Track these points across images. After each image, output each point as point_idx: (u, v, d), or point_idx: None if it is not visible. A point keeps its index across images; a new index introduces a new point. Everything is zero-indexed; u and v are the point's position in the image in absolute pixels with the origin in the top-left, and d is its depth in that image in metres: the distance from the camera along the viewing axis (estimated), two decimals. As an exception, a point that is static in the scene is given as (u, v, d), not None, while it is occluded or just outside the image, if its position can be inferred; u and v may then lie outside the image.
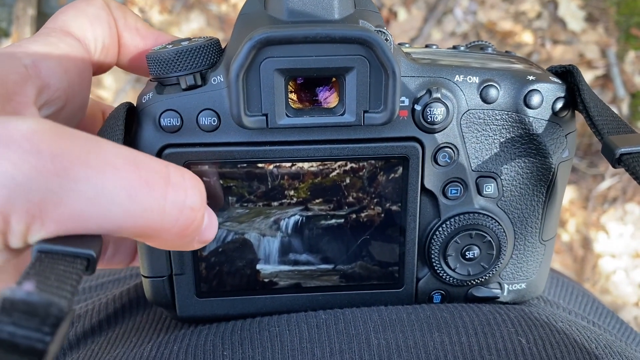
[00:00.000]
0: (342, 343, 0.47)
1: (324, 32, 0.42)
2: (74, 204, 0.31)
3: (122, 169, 0.33)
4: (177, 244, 0.37)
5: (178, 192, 0.35)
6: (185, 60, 0.45)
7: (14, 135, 0.31)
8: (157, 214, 0.34)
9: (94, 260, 0.33)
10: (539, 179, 0.51)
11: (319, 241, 0.51)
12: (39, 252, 0.32)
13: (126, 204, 0.33)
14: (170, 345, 0.48)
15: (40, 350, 0.28)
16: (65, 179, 0.31)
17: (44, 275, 0.31)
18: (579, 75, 0.49)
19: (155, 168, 0.34)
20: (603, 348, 0.49)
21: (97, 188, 0.32)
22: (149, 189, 0.33)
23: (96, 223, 0.33)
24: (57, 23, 0.45)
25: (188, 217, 0.35)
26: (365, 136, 0.48)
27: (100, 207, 0.32)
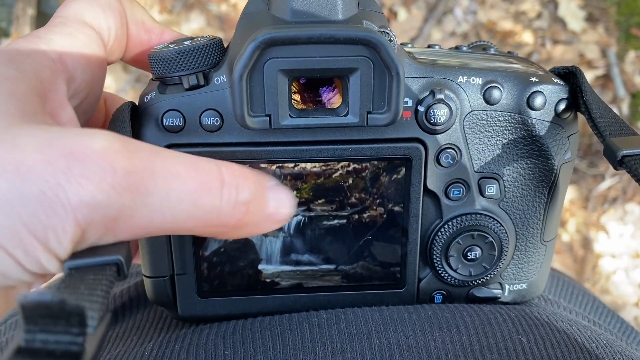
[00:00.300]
0: (344, 342, 0.47)
1: (328, 33, 0.42)
2: (144, 215, 0.33)
3: (185, 177, 0.35)
4: (238, 233, 0.39)
5: (231, 190, 0.37)
6: (187, 60, 0.45)
7: (89, 154, 0.32)
8: (215, 214, 0.36)
9: (122, 264, 0.34)
10: (541, 180, 0.51)
11: (321, 241, 0.51)
12: (70, 269, 0.33)
13: (189, 209, 0.35)
14: (172, 344, 0.48)
15: (76, 352, 0.29)
16: (137, 194, 0.33)
17: (74, 286, 0.31)
18: (581, 77, 0.49)
19: (210, 169, 0.36)
20: (603, 347, 0.49)
21: (164, 199, 0.34)
22: (208, 192, 0.35)
23: (162, 228, 0.35)
24: (70, 12, 0.45)
25: (241, 211, 0.37)
26: (369, 137, 0.48)
27: (167, 215, 0.34)
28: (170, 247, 0.50)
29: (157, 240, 0.50)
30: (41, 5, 2.19)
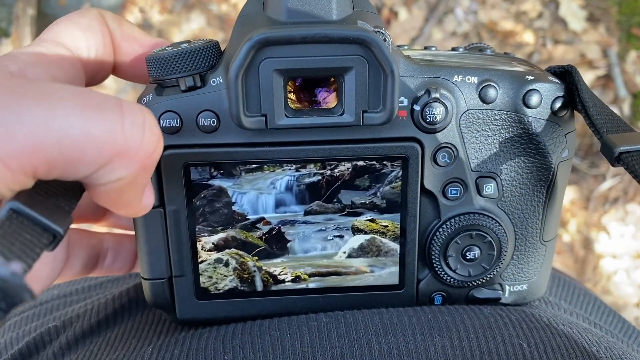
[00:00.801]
0: (343, 347, 0.47)
1: (323, 32, 0.42)
2: (25, 134, 0.31)
3: (69, 98, 0.33)
4: (143, 180, 0.37)
5: (135, 113, 0.35)
6: (184, 62, 0.45)
7: None
8: (119, 135, 0.34)
9: (60, 237, 0.34)
10: (538, 178, 0.51)
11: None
12: (11, 210, 0.32)
13: (82, 126, 0.32)
14: (171, 348, 0.48)
15: None
16: (6, 111, 0.31)
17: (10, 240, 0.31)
18: (577, 75, 0.49)
19: (105, 96, 0.34)
20: (604, 351, 0.49)
21: (46, 116, 0.32)
22: (103, 111, 0.33)
23: (58, 151, 0.32)
24: (49, 35, 0.46)
25: (151, 139, 0.35)
26: (365, 136, 0.48)
27: (55, 132, 0.32)
28: (168, 249, 0.50)
29: (154, 241, 0.50)
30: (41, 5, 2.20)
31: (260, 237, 0.50)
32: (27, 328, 0.65)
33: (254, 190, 0.49)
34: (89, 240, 0.52)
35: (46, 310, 0.69)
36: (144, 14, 2.31)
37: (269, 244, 0.50)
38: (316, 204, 0.50)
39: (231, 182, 0.48)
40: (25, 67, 0.41)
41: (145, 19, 2.30)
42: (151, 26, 2.30)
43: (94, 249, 0.52)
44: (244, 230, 0.50)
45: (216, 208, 0.49)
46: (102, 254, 0.53)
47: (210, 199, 0.49)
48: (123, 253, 0.54)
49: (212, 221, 0.49)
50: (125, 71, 0.50)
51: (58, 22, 0.47)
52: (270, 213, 0.50)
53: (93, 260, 0.52)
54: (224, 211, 0.49)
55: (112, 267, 0.54)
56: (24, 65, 0.41)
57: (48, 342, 0.60)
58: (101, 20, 0.47)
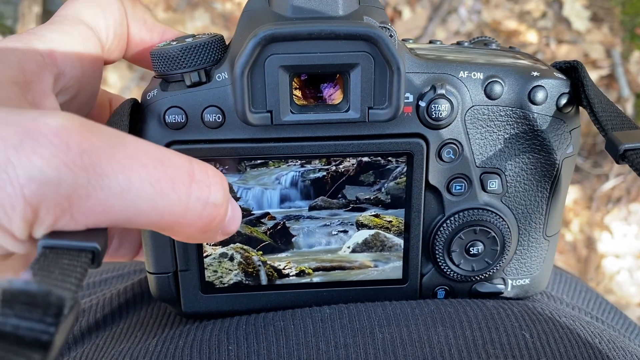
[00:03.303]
0: (347, 337, 0.47)
1: (329, 29, 0.42)
2: (102, 198, 0.32)
3: (149, 165, 0.34)
4: (200, 237, 0.38)
5: (202, 188, 0.35)
6: (189, 57, 0.45)
7: (43, 130, 0.31)
8: (182, 210, 0.35)
9: (98, 252, 0.34)
10: (543, 174, 0.52)
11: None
12: (44, 248, 0.32)
13: (152, 199, 0.34)
14: (176, 340, 0.49)
15: (45, 342, 0.28)
16: (93, 174, 0.32)
17: (48, 269, 0.31)
18: (583, 71, 0.49)
19: (180, 164, 0.35)
20: (606, 343, 0.49)
21: (124, 183, 0.33)
22: (174, 185, 0.34)
23: (124, 216, 0.33)
24: (69, 11, 0.45)
25: (211, 212, 0.36)
26: (370, 132, 0.48)
27: (127, 201, 0.33)
28: (173, 243, 0.50)
29: (160, 236, 0.50)
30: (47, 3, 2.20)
31: (265, 232, 0.50)
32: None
33: (259, 186, 0.49)
34: None
35: (52, 305, 0.69)
36: (149, 12, 2.31)
37: (273, 238, 0.51)
38: (321, 199, 0.50)
39: (236, 177, 0.48)
40: (54, 48, 0.42)
41: (150, 16, 2.30)
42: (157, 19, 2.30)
43: None
44: (248, 225, 0.50)
45: None
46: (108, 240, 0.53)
47: None
48: (128, 239, 0.55)
49: None
50: (132, 54, 0.50)
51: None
52: (275, 208, 0.50)
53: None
54: None
55: (117, 254, 0.55)
56: (52, 46, 0.42)
57: None
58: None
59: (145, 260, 0.51)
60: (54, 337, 0.28)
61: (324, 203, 0.50)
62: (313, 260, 0.52)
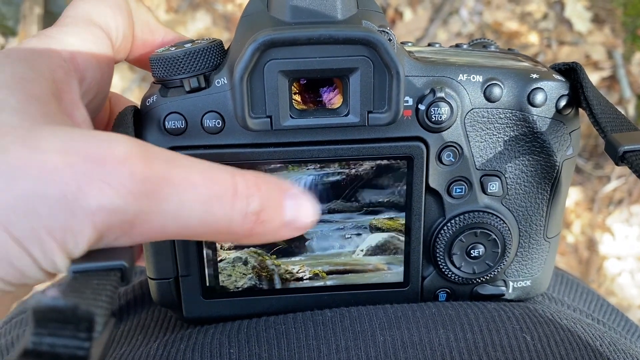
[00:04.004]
0: (348, 340, 0.47)
1: (327, 34, 0.42)
2: (159, 220, 0.34)
3: (199, 185, 0.35)
4: (247, 240, 0.39)
5: (242, 201, 0.37)
6: (188, 63, 0.45)
7: (110, 159, 0.32)
8: (226, 223, 0.36)
9: (126, 270, 0.34)
10: (543, 176, 0.52)
11: None
12: (74, 273, 0.33)
13: (201, 217, 0.35)
14: (177, 343, 0.49)
15: (81, 357, 0.29)
16: (153, 200, 0.33)
17: (79, 290, 0.32)
18: (582, 73, 0.49)
19: (225, 179, 0.36)
20: (608, 345, 0.49)
21: (179, 205, 0.34)
22: (220, 202, 0.36)
23: (174, 233, 0.35)
24: (79, 11, 0.45)
25: (250, 220, 0.37)
26: (370, 136, 0.48)
27: (180, 221, 0.35)
28: (174, 249, 0.50)
29: (160, 242, 0.50)
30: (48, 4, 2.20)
31: None
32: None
33: None
34: None
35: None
36: (150, 14, 2.31)
37: (287, 242, 0.51)
38: (335, 203, 0.50)
39: None
40: (75, 53, 0.42)
41: (151, 18, 2.30)
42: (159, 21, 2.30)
43: None
44: None
45: None
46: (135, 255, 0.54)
47: None
48: None
49: None
50: (134, 56, 0.50)
51: None
52: None
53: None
54: None
55: None
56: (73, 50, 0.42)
57: None
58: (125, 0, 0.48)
59: (146, 266, 0.51)
60: (90, 351, 0.29)
61: (338, 206, 0.50)
62: (327, 264, 0.52)
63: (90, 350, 0.29)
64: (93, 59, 0.43)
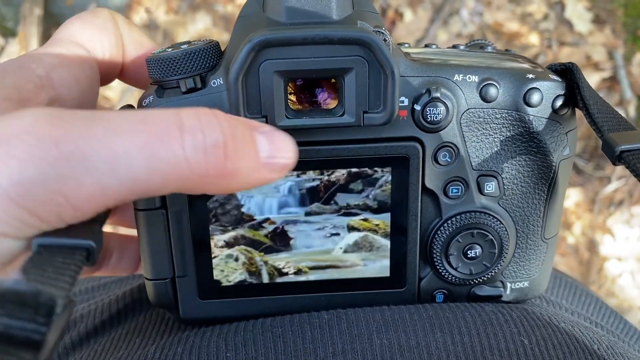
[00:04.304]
0: (345, 343, 0.47)
1: (323, 34, 0.42)
2: (94, 181, 0.32)
3: (129, 132, 0.32)
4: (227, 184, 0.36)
5: (195, 135, 0.34)
6: (185, 63, 0.45)
7: (14, 131, 0.31)
8: (183, 164, 0.33)
9: (93, 250, 0.34)
10: (540, 177, 0.51)
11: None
12: (39, 246, 0.32)
13: (146, 165, 0.32)
14: (174, 347, 0.49)
15: (37, 341, 0.28)
16: (74, 160, 0.31)
17: (41, 267, 0.31)
18: (578, 73, 0.49)
19: (165, 118, 0.34)
20: (605, 349, 0.49)
21: (110, 158, 0.32)
22: (163, 142, 0.33)
23: (126, 190, 0.33)
24: (65, 34, 0.46)
25: (217, 156, 0.34)
26: (365, 136, 0.48)
27: (121, 174, 0.32)
28: (170, 249, 0.50)
29: (157, 242, 0.50)
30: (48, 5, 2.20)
31: (266, 235, 0.51)
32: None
33: (260, 194, 0.49)
34: None
35: (50, 310, 0.69)
36: (150, 14, 2.31)
37: (273, 241, 0.51)
38: (315, 206, 0.50)
39: None
40: (51, 70, 0.42)
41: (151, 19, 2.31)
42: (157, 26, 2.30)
43: None
44: (251, 229, 0.50)
45: (227, 210, 0.50)
46: (107, 253, 0.54)
47: (222, 202, 0.49)
48: (128, 253, 0.55)
49: (224, 221, 0.50)
50: (128, 75, 0.50)
51: (72, 22, 0.47)
52: (275, 214, 0.50)
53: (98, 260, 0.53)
54: (234, 212, 0.50)
55: (117, 267, 0.55)
56: (49, 68, 0.42)
57: None
58: (114, 21, 0.48)
59: (143, 266, 0.51)
60: (46, 336, 0.28)
61: (318, 209, 0.50)
62: (309, 260, 0.52)
63: (47, 336, 0.28)
64: (71, 77, 0.43)
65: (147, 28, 2.30)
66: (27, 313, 0.28)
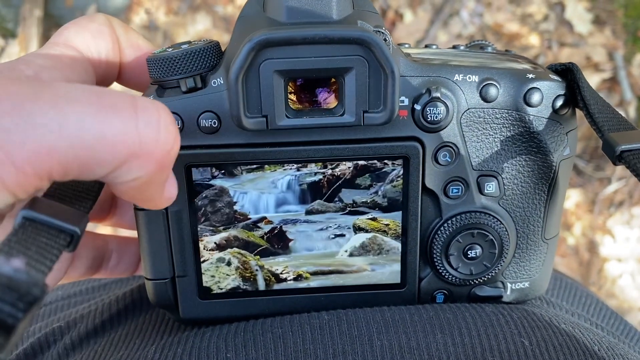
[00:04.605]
0: (345, 344, 0.47)
1: (323, 33, 0.42)
2: (39, 138, 0.31)
3: (82, 99, 0.32)
4: (159, 179, 0.36)
5: (150, 112, 0.34)
6: (185, 63, 0.45)
7: None
8: (133, 135, 0.33)
9: (77, 237, 0.33)
10: (540, 177, 0.51)
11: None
12: (24, 219, 0.32)
13: (97, 130, 0.32)
14: (174, 347, 0.48)
15: (9, 326, 0.28)
16: (18, 116, 0.30)
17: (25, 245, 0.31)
18: (578, 73, 0.49)
19: (119, 94, 0.33)
20: (606, 350, 0.49)
21: (59, 118, 0.31)
22: (116, 111, 0.32)
23: (72, 154, 0.32)
24: (60, 38, 0.46)
25: (167, 138, 0.34)
26: (365, 136, 0.48)
27: (70, 137, 0.31)
28: (170, 249, 0.50)
29: (157, 242, 0.50)
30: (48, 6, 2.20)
31: (262, 236, 0.50)
32: (32, 329, 0.65)
33: (255, 190, 0.49)
34: (94, 242, 0.52)
35: (50, 311, 0.70)
36: (150, 16, 2.31)
37: (270, 243, 0.50)
38: (317, 203, 0.50)
39: (232, 182, 0.48)
40: (41, 71, 0.41)
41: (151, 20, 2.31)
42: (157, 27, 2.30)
43: (98, 250, 0.52)
44: (245, 230, 0.50)
45: (218, 208, 0.49)
46: (106, 255, 0.53)
47: (212, 199, 0.49)
48: (127, 255, 0.55)
49: (214, 221, 0.49)
50: (127, 78, 0.50)
51: (68, 27, 0.47)
52: (272, 212, 0.50)
53: (97, 262, 0.53)
54: (226, 211, 0.49)
55: (116, 269, 0.55)
56: (39, 69, 0.41)
57: (52, 343, 0.60)
58: (110, 25, 0.48)
59: (142, 266, 0.51)
60: (19, 322, 0.28)
61: (320, 207, 0.50)
62: (311, 265, 0.51)
63: (20, 322, 0.28)
64: (61, 78, 0.43)
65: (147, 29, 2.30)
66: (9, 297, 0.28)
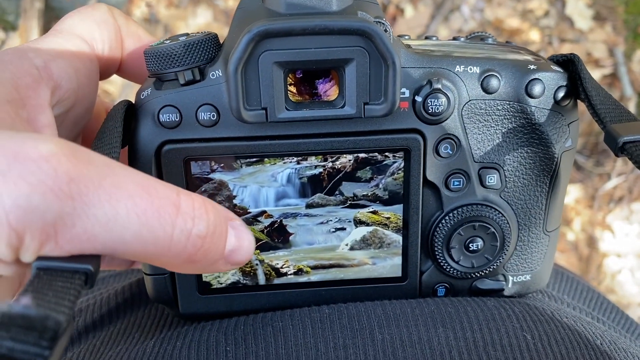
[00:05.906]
0: (346, 338, 0.47)
1: (323, 24, 0.42)
2: (87, 226, 0.32)
3: (136, 195, 0.33)
4: (189, 267, 0.37)
5: (186, 220, 0.35)
6: (183, 56, 0.45)
7: (32, 155, 0.31)
8: (166, 241, 0.34)
9: (92, 274, 0.34)
10: (542, 169, 0.51)
11: None
12: (38, 270, 0.32)
13: (137, 230, 0.33)
14: (173, 341, 0.48)
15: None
16: (79, 202, 0.32)
17: (42, 291, 0.31)
18: (580, 64, 0.48)
19: (167, 195, 0.35)
20: (608, 344, 0.49)
21: (111, 213, 0.32)
22: (160, 216, 0.34)
23: (108, 246, 0.33)
24: (65, 25, 0.46)
25: (195, 244, 0.36)
26: (366, 128, 0.47)
27: (112, 231, 0.33)
28: None
29: None
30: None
31: (262, 230, 0.50)
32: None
33: (255, 184, 0.49)
34: None
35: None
36: (151, 9, 2.31)
37: (270, 237, 0.50)
38: (318, 197, 0.49)
39: (232, 175, 0.48)
40: (50, 61, 0.42)
41: (152, 13, 2.30)
42: (158, 20, 2.30)
43: None
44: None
45: (217, 202, 0.49)
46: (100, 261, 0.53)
47: (211, 193, 0.48)
48: None
49: None
50: (127, 69, 0.50)
51: (72, 15, 0.47)
52: (272, 206, 0.49)
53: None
54: (226, 205, 0.49)
55: (113, 262, 0.55)
56: (48, 58, 0.42)
57: None
58: (112, 15, 0.48)
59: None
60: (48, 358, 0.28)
61: (321, 200, 0.50)
62: (311, 259, 0.51)
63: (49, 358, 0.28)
64: (70, 68, 0.43)
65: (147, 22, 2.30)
66: (31, 337, 0.28)
